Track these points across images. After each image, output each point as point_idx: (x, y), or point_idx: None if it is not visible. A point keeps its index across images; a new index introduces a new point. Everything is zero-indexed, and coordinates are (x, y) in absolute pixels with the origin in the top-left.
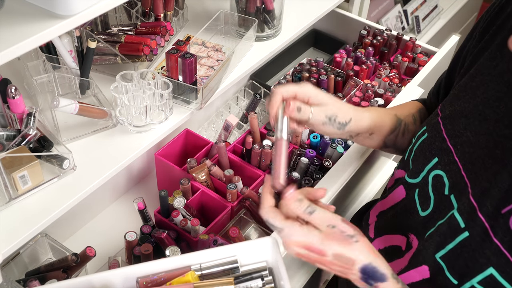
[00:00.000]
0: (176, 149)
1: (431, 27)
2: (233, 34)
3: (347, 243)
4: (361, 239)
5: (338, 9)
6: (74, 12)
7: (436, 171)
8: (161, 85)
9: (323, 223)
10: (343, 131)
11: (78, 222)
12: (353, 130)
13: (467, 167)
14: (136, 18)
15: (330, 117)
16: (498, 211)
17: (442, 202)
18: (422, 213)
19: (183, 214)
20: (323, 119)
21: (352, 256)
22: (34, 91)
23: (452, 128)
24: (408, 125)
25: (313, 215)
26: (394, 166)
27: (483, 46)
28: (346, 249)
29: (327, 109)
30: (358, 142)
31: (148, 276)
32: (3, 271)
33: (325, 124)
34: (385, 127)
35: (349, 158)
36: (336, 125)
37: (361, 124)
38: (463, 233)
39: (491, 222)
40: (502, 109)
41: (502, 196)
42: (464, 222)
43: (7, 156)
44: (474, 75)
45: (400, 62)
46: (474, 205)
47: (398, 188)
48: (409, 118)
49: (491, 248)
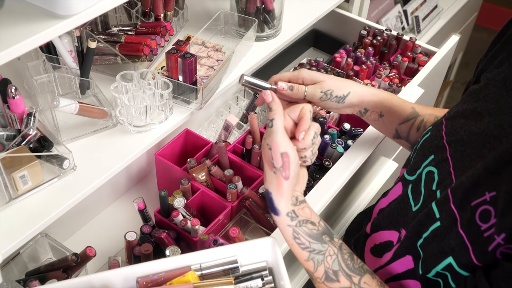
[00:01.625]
0: (176, 149)
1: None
2: (233, 34)
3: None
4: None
5: (338, 9)
6: (74, 12)
7: (429, 167)
8: (161, 85)
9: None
10: (345, 105)
11: (78, 222)
12: (357, 104)
13: (456, 165)
14: (136, 18)
15: (325, 92)
16: (468, 203)
17: (429, 196)
18: (414, 208)
19: (183, 214)
20: (319, 94)
21: (268, 179)
22: (34, 91)
23: (451, 127)
24: (426, 123)
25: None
26: (394, 166)
27: (493, 54)
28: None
29: (322, 85)
30: (374, 125)
31: (148, 276)
32: (3, 271)
33: (323, 99)
34: (396, 113)
35: (349, 158)
36: (334, 99)
37: (365, 99)
38: (436, 222)
39: (460, 214)
40: (496, 111)
41: (474, 188)
42: (439, 213)
43: (7, 156)
44: (481, 80)
45: (400, 62)
46: (449, 197)
47: (397, 185)
48: (430, 117)
49: (456, 239)
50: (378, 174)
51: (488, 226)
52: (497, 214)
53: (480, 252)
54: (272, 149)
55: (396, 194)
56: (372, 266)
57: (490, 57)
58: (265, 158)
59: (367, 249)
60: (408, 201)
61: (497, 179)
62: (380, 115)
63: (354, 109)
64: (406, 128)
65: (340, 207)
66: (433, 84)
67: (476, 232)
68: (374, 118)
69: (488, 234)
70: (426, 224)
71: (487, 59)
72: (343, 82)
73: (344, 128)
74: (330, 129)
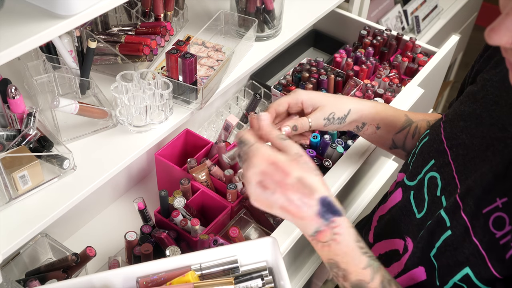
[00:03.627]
0: (176, 149)
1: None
2: (233, 34)
3: (311, 172)
4: (320, 174)
5: (338, 9)
6: (74, 12)
7: (431, 172)
8: (161, 85)
9: (291, 150)
10: (345, 124)
11: (78, 222)
12: (356, 119)
13: (459, 169)
14: (136, 18)
15: (328, 117)
16: (480, 210)
17: (434, 203)
18: (418, 215)
19: (183, 214)
20: (322, 122)
21: (314, 184)
22: (34, 91)
23: (451, 131)
24: (420, 128)
25: (284, 142)
26: (394, 166)
27: (489, 55)
28: (310, 176)
29: (323, 111)
30: (370, 139)
31: (148, 276)
32: (3, 271)
33: (326, 125)
34: (392, 123)
35: (349, 158)
36: (336, 122)
37: (364, 113)
38: (447, 231)
39: (472, 222)
40: (497, 113)
41: (484, 195)
42: (449, 221)
43: (7, 156)
44: (478, 81)
45: (400, 62)
46: (459, 204)
47: (397, 191)
48: (423, 123)
49: (470, 248)
50: (378, 174)
51: (504, 233)
52: None
53: (497, 261)
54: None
55: (396, 200)
56: None
57: (486, 57)
58: (302, 171)
59: None
60: (411, 208)
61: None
62: (377, 127)
63: (352, 125)
64: (402, 137)
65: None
66: (433, 84)
67: (491, 240)
68: (371, 132)
69: (504, 241)
70: (437, 233)
71: (483, 60)
72: (340, 100)
73: None
74: None
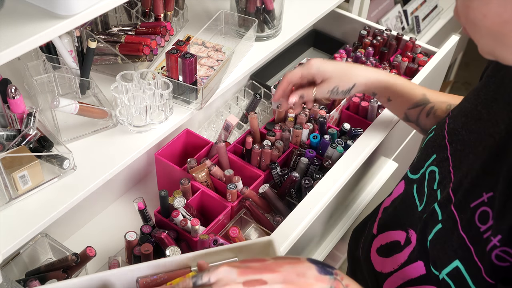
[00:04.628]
0: (176, 149)
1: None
2: (233, 34)
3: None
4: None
5: (338, 9)
6: (74, 12)
7: (432, 167)
8: (161, 85)
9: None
10: (351, 94)
11: (78, 222)
12: (364, 91)
13: (455, 164)
14: (136, 18)
15: (331, 90)
16: (468, 204)
17: (431, 196)
18: (419, 208)
19: (183, 214)
20: (326, 93)
21: (290, 257)
22: (34, 91)
23: (453, 126)
24: (437, 110)
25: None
26: (394, 166)
27: None
28: (294, 262)
29: (329, 84)
30: (385, 106)
31: (148, 276)
32: (3, 271)
33: (331, 96)
34: (404, 98)
35: (349, 158)
36: (340, 94)
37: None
38: (438, 224)
39: (460, 215)
40: (495, 109)
41: (472, 189)
42: (441, 215)
43: (7, 156)
44: (482, 78)
45: (400, 62)
46: (451, 198)
47: (400, 183)
48: (442, 105)
49: (458, 241)
50: (378, 174)
51: (487, 228)
52: (494, 216)
53: (482, 254)
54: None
55: (398, 192)
56: (379, 267)
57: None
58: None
59: (373, 249)
60: (414, 201)
61: (494, 179)
62: (388, 99)
63: (360, 93)
64: (415, 113)
65: (340, 207)
66: (433, 84)
67: (476, 233)
68: (383, 102)
69: (486, 235)
70: (430, 226)
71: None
72: (349, 73)
73: (344, 128)
74: (330, 129)
